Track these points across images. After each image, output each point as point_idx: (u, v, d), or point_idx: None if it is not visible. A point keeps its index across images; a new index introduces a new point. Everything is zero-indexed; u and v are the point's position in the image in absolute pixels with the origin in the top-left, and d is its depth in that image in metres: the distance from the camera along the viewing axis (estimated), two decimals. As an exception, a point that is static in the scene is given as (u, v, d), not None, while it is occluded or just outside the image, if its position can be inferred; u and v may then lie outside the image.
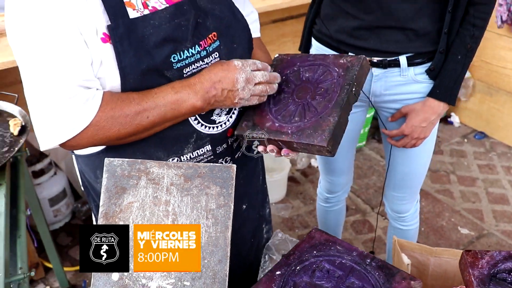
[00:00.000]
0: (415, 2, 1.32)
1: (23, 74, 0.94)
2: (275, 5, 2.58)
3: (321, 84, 1.08)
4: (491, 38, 3.16)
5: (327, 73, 1.10)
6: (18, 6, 0.90)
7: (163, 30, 0.98)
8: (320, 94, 1.06)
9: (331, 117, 1.00)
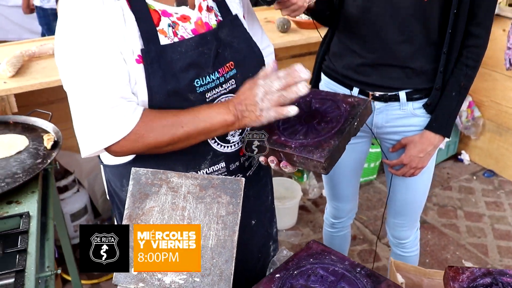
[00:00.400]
0: (413, 44, 1.47)
1: (70, 87, 1.09)
2: (293, 41, 2.75)
3: (328, 114, 1.21)
4: (501, 80, 3.29)
5: (335, 107, 1.23)
6: (69, 30, 1.06)
7: (189, 57, 1.13)
8: (326, 122, 1.19)
9: (332, 140, 1.13)
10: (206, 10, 1.20)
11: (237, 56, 1.21)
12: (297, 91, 1.07)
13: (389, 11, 1.43)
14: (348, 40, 1.56)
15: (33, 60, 2.41)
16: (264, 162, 1.19)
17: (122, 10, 1.09)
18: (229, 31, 1.21)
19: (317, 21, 1.58)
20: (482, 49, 1.49)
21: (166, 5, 1.15)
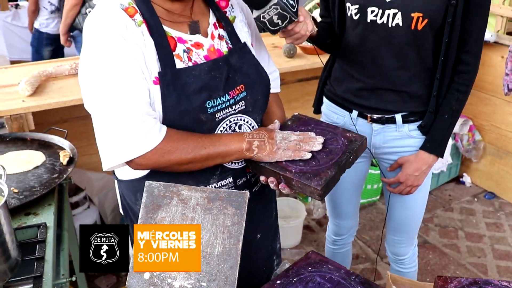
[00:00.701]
0: (408, 70, 1.57)
1: (96, 103, 1.18)
2: (299, 66, 2.86)
3: (328, 145, 1.31)
4: (500, 104, 3.37)
5: (334, 139, 1.33)
6: (95, 52, 1.17)
7: (202, 80, 1.23)
8: (325, 152, 1.29)
9: (329, 171, 1.22)
10: (218, 38, 1.31)
11: (246, 80, 1.32)
12: (312, 146, 1.26)
13: (386, 40, 1.53)
14: (348, 66, 1.66)
15: (50, 80, 2.53)
16: (264, 181, 1.29)
17: (143, 35, 1.19)
18: (239, 57, 1.32)
19: (319, 48, 1.69)
20: (472, 75, 1.58)
21: (181, 32, 1.26)
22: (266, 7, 1.26)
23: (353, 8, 1.53)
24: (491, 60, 3.34)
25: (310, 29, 1.38)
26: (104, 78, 1.16)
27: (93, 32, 1.19)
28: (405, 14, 1.47)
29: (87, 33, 1.20)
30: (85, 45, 1.20)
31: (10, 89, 2.40)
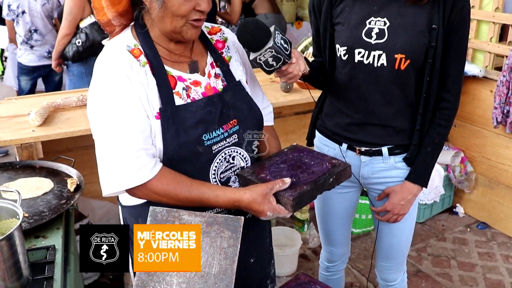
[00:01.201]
0: (393, 106, 1.69)
1: (100, 136, 1.32)
2: (295, 100, 3.00)
3: (312, 168, 1.44)
4: (490, 137, 3.49)
5: (320, 164, 1.46)
6: (102, 89, 1.31)
7: (198, 115, 1.36)
8: (307, 173, 1.42)
9: (305, 186, 1.34)
10: (214, 77, 1.45)
11: (239, 115, 1.45)
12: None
13: (372, 78, 1.66)
14: (338, 102, 1.79)
15: (58, 111, 2.66)
16: None
17: (146, 75, 1.33)
18: (233, 94, 1.45)
19: (312, 85, 1.81)
20: (452, 111, 1.71)
21: (181, 72, 1.39)
22: (262, 50, 1.39)
23: (342, 49, 1.67)
24: (480, 94, 3.48)
25: (302, 69, 1.51)
26: (107, 114, 1.30)
27: (101, 70, 1.33)
28: (389, 55, 1.60)
29: (96, 71, 1.35)
30: (94, 82, 1.34)
31: (21, 119, 2.52)
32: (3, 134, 2.34)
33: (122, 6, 1.35)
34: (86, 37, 3.76)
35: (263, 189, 1.33)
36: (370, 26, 1.62)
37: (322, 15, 1.71)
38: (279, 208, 1.33)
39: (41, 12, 4.44)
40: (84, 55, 3.81)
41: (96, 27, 3.77)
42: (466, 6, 1.60)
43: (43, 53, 4.57)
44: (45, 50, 4.58)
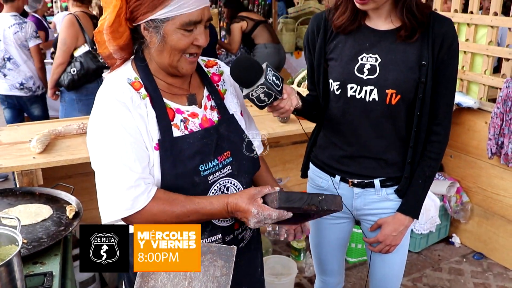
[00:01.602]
0: (385, 140, 1.74)
1: (99, 167, 1.36)
2: (292, 131, 3.05)
3: None
4: (485, 168, 3.54)
5: None
6: (103, 120, 1.36)
7: (195, 146, 1.41)
8: None
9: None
10: (210, 109, 1.51)
11: (233, 147, 1.50)
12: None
13: (364, 113, 1.71)
14: (331, 135, 1.84)
15: (59, 138, 2.71)
16: None
17: (146, 107, 1.39)
18: (227, 126, 1.51)
19: (306, 119, 1.87)
20: (443, 144, 1.75)
21: (180, 104, 1.45)
22: (254, 87, 1.44)
23: (335, 84, 1.72)
24: (475, 125, 3.54)
25: (294, 104, 1.56)
26: (106, 144, 1.35)
27: (102, 102, 1.38)
28: (380, 90, 1.66)
29: (97, 102, 1.40)
30: (94, 112, 1.40)
31: (22, 146, 2.57)
32: (4, 161, 2.39)
33: (123, 40, 1.41)
34: (81, 66, 3.85)
35: (251, 190, 1.38)
36: (362, 62, 1.68)
37: (316, 50, 1.77)
38: (263, 206, 1.34)
39: (14, 40, 4.34)
40: (79, 83, 3.90)
41: (91, 55, 3.86)
42: (454, 43, 1.66)
43: (15, 84, 4.42)
44: (17, 81, 4.41)
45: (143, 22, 1.36)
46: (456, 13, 3.53)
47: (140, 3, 1.33)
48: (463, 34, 3.53)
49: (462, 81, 3.58)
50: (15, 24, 4.34)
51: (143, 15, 1.34)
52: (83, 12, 4.04)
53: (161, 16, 1.33)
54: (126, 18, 1.37)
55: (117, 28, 1.37)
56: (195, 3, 1.34)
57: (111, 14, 1.35)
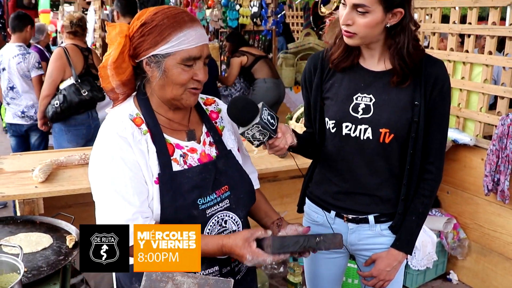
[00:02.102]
0: (379, 177, 1.79)
1: (99, 197, 1.41)
2: (290, 166, 3.07)
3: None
4: (482, 204, 3.56)
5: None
6: (105, 155, 1.41)
7: (194, 181, 1.46)
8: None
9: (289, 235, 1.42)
10: (208, 145, 1.57)
11: (230, 182, 1.55)
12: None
13: (358, 150, 1.76)
14: (327, 171, 1.89)
15: (61, 168, 2.76)
16: None
17: (147, 142, 1.44)
18: (225, 162, 1.56)
19: (302, 155, 1.92)
20: (436, 182, 1.80)
21: (179, 140, 1.50)
22: (249, 125, 1.50)
23: (330, 122, 1.78)
24: (471, 162, 3.58)
25: (289, 142, 1.62)
26: (107, 177, 1.40)
27: (104, 136, 1.45)
28: (374, 129, 1.72)
29: (99, 136, 1.47)
30: (96, 146, 1.46)
31: (25, 175, 2.62)
32: (7, 189, 2.43)
33: (126, 75, 1.48)
34: (64, 99, 3.91)
35: (245, 233, 1.41)
36: (356, 101, 1.74)
37: (313, 89, 1.84)
38: (258, 252, 1.38)
39: (16, 70, 4.44)
40: (62, 116, 3.96)
41: (74, 88, 3.92)
42: (446, 84, 1.72)
43: (17, 112, 4.52)
44: (19, 109, 4.51)
45: (146, 58, 1.43)
46: (452, 52, 3.62)
47: (143, 39, 1.41)
48: (459, 72, 3.61)
49: (458, 118, 3.65)
50: (19, 55, 4.44)
51: (146, 51, 1.42)
52: (74, 45, 4.12)
53: (162, 52, 1.41)
54: (129, 55, 1.45)
55: (120, 64, 1.44)
56: (194, 40, 1.42)
57: (116, 50, 1.42)
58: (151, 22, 1.42)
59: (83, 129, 4.14)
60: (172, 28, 1.41)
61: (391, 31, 1.67)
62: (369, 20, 1.60)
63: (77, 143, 4.07)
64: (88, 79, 4.02)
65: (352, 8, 1.60)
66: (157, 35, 1.41)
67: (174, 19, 1.42)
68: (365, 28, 1.61)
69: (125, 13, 4.28)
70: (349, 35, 1.65)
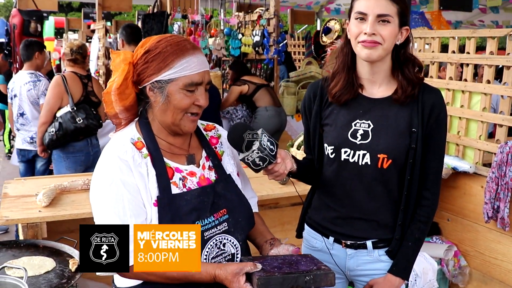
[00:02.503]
0: (377, 202, 1.82)
1: (97, 218, 1.44)
2: (291, 192, 3.09)
3: (299, 266, 1.53)
4: (482, 231, 3.56)
5: (307, 264, 1.54)
6: (105, 178, 1.46)
7: (192, 204, 1.50)
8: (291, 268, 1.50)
9: (277, 273, 1.43)
10: (208, 169, 1.61)
11: (229, 205, 1.59)
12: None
13: (357, 175, 1.80)
14: (326, 197, 1.92)
15: (64, 193, 2.79)
16: None
17: (147, 165, 1.49)
18: (224, 185, 1.61)
19: (302, 181, 1.96)
20: (432, 209, 1.83)
21: (179, 164, 1.55)
22: (249, 151, 1.55)
23: (329, 148, 1.82)
24: (471, 189, 3.60)
25: (289, 167, 1.67)
26: (105, 199, 1.44)
27: (105, 159, 1.50)
28: (372, 155, 1.76)
29: (101, 159, 1.52)
30: (98, 169, 1.51)
31: (29, 199, 2.65)
32: (10, 213, 2.46)
33: (129, 101, 1.54)
34: (60, 126, 3.96)
35: (234, 268, 1.43)
36: (355, 127, 1.78)
37: (313, 116, 1.89)
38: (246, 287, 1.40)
39: (27, 97, 4.53)
40: (58, 143, 4.01)
41: (69, 116, 3.96)
42: (442, 113, 1.76)
43: (26, 138, 4.59)
44: (28, 135, 4.57)
45: (149, 84, 1.49)
46: (451, 81, 3.68)
47: (147, 66, 1.48)
48: (458, 101, 3.66)
49: (458, 146, 3.68)
50: (30, 82, 4.53)
51: (149, 77, 1.48)
52: (73, 73, 4.19)
53: (165, 78, 1.47)
54: (133, 81, 1.51)
55: (124, 89, 1.50)
56: (196, 67, 1.48)
57: (120, 77, 1.48)
58: (154, 49, 1.49)
59: (82, 156, 4.18)
60: (175, 55, 1.47)
61: (398, 51, 1.75)
62: (391, 29, 1.68)
63: (75, 170, 4.10)
64: (84, 107, 4.06)
65: (376, 18, 1.66)
66: (160, 61, 1.47)
67: (177, 46, 1.49)
68: (389, 38, 1.68)
69: (130, 41, 4.37)
70: (374, 44, 1.68)
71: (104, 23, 7.61)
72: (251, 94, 5.62)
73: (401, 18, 1.69)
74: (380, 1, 1.65)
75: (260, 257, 1.61)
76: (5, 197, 2.71)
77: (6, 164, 7.33)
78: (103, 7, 7.89)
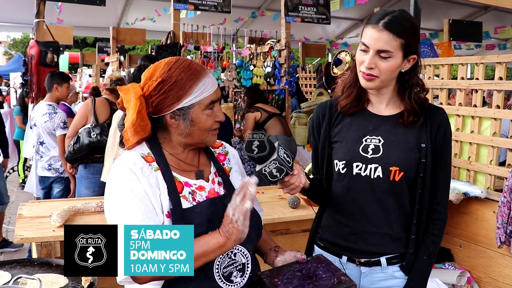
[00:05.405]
0: (389, 215, 1.83)
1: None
2: (302, 216, 3.13)
3: (320, 281, 1.55)
4: (495, 257, 3.52)
5: (329, 278, 1.57)
6: (118, 192, 1.49)
7: (203, 215, 1.54)
8: (314, 285, 1.53)
9: None
10: (217, 184, 1.65)
11: None
12: (250, 195, 1.46)
13: (369, 189, 1.81)
14: (337, 213, 1.92)
15: (78, 215, 2.83)
16: None
17: (157, 179, 1.52)
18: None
19: (311, 199, 1.98)
20: (443, 222, 1.84)
21: (188, 178, 1.59)
22: (267, 162, 1.59)
23: (340, 163, 1.84)
24: (483, 215, 3.58)
25: (303, 181, 1.70)
26: (116, 207, 1.47)
27: (115, 171, 1.54)
28: (384, 168, 1.78)
29: (111, 171, 1.55)
30: (108, 180, 1.54)
31: (43, 220, 2.69)
32: (25, 232, 2.50)
33: (147, 132, 1.59)
34: (77, 139, 4.18)
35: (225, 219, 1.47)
36: (366, 143, 1.82)
37: (321, 135, 1.92)
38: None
39: (44, 127, 4.70)
40: (75, 156, 4.19)
41: (87, 131, 4.17)
42: (448, 129, 1.83)
43: (45, 165, 4.76)
44: (47, 163, 4.76)
45: (170, 113, 1.53)
46: (461, 107, 3.71)
47: (165, 96, 1.53)
48: (468, 126, 3.68)
49: (469, 172, 3.68)
50: (47, 114, 4.70)
51: (169, 107, 1.54)
52: (104, 99, 4.42)
53: (187, 104, 1.53)
54: (147, 113, 1.55)
55: (140, 123, 1.55)
56: (212, 86, 1.56)
57: (133, 113, 1.52)
58: (168, 78, 1.54)
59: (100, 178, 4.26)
60: (192, 81, 1.54)
61: (404, 76, 1.79)
62: (391, 64, 1.72)
63: (93, 191, 4.22)
64: (102, 125, 4.24)
65: (376, 53, 1.71)
66: (179, 90, 1.53)
67: (190, 71, 1.55)
68: (387, 72, 1.73)
69: None
70: (371, 78, 1.74)
71: (118, 56, 7.79)
72: (263, 121, 5.69)
73: (405, 50, 1.73)
74: (383, 36, 1.70)
75: (277, 269, 1.62)
76: (20, 217, 2.75)
77: (20, 194, 7.40)
78: (117, 40, 8.10)
